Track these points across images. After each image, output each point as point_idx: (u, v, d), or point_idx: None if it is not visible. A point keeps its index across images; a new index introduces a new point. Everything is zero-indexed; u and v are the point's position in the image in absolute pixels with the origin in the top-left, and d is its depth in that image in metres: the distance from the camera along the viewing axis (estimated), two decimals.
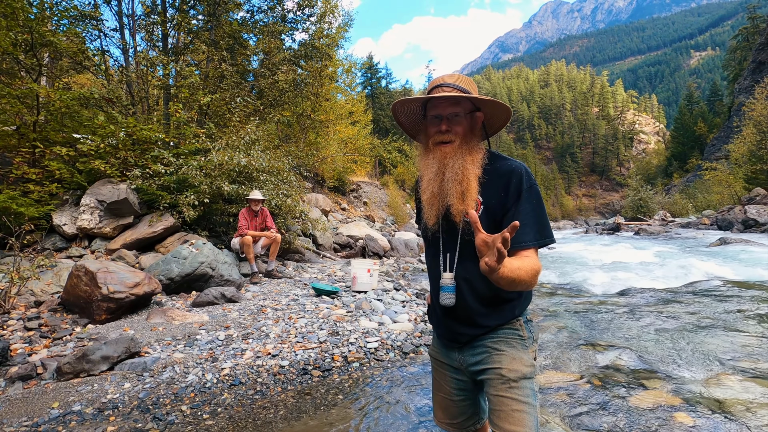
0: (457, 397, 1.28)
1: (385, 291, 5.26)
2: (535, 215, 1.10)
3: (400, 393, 2.56)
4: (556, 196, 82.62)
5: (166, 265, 4.68)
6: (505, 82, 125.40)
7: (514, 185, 1.11)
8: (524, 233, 1.07)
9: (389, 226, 16.93)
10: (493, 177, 1.15)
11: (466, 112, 1.16)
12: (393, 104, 1.24)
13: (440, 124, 1.16)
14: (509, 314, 1.17)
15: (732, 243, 9.94)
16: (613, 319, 3.91)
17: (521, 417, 1.06)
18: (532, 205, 1.10)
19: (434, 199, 1.18)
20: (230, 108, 8.36)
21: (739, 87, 41.83)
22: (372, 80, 38.93)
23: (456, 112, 1.15)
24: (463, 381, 1.26)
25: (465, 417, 1.30)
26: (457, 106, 1.15)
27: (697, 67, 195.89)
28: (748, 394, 2.32)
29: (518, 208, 1.10)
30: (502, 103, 1.16)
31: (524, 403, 1.08)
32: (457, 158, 1.14)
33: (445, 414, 1.32)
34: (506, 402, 1.08)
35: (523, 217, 1.08)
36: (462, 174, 1.12)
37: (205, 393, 2.53)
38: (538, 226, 1.09)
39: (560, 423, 2.13)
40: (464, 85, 1.18)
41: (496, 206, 1.13)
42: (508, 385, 1.10)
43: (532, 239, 1.08)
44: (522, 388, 1.10)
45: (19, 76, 6.41)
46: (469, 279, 1.17)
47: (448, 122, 1.15)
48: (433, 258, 1.26)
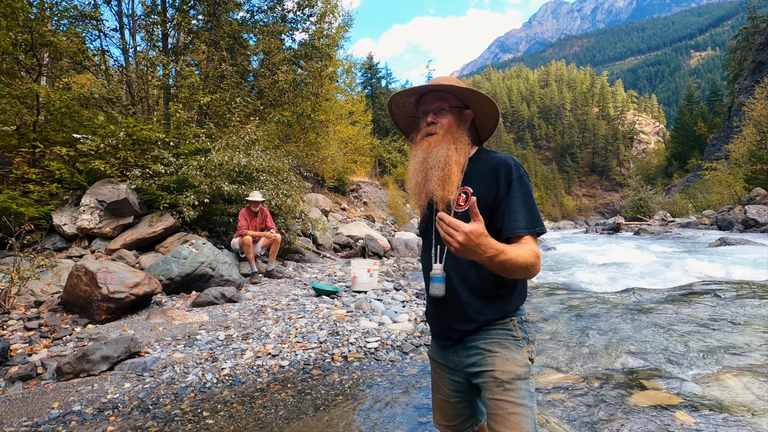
0: (454, 398, 1.28)
1: (385, 291, 5.26)
2: (526, 204, 1.11)
3: (400, 393, 2.56)
4: (556, 196, 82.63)
5: (166, 265, 4.68)
6: (505, 82, 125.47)
7: (503, 176, 1.13)
8: (516, 220, 1.09)
9: (389, 226, 16.93)
10: (482, 169, 1.18)
11: (451, 106, 1.22)
12: (389, 99, 1.30)
13: (427, 116, 1.23)
14: (501, 309, 1.16)
15: (732, 243, 9.93)
16: (613, 319, 3.91)
17: (517, 420, 1.05)
18: (522, 194, 1.12)
19: (419, 188, 1.22)
20: (230, 108, 8.36)
21: (739, 87, 41.83)
22: (372, 80, 38.92)
23: (441, 106, 1.22)
24: (459, 382, 1.25)
25: (462, 419, 1.29)
26: (443, 100, 1.22)
27: (697, 67, 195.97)
28: (748, 393, 2.32)
29: (509, 197, 1.11)
30: (485, 95, 1.19)
31: (520, 405, 1.07)
32: (441, 147, 1.18)
33: (443, 416, 1.31)
34: (501, 405, 1.07)
35: (514, 205, 1.10)
36: (444, 161, 1.16)
37: (205, 393, 2.53)
38: (529, 215, 1.10)
39: (560, 423, 2.13)
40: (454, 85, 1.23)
41: (486, 197, 1.14)
42: (502, 388, 1.08)
43: (524, 226, 1.08)
44: (517, 390, 1.08)
45: (19, 76, 6.41)
46: (459, 269, 1.17)
47: (434, 115, 1.22)
48: (426, 251, 1.28)
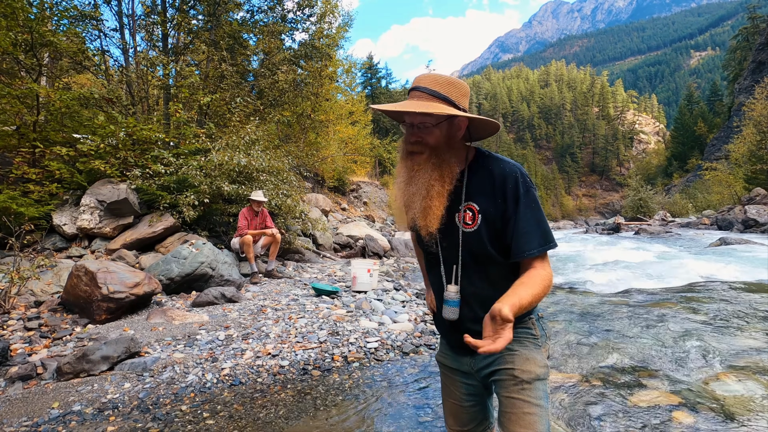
0: (467, 402, 1.25)
1: (385, 291, 5.26)
2: (536, 221, 1.05)
3: (400, 393, 2.56)
4: (556, 196, 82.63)
5: (166, 265, 4.68)
6: (505, 82, 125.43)
7: (510, 191, 1.06)
8: (528, 242, 1.04)
9: (389, 226, 16.93)
10: (486, 181, 1.09)
11: (438, 121, 1.06)
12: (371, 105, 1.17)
13: (411, 134, 1.10)
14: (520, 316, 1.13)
15: (732, 243, 9.93)
16: (613, 319, 3.91)
17: (532, 420, 1.03)
18: (531, 210, 1.05)
19: (404, 209, 1.16)
20: (230, 108, 8.37)
21: (739, 87, 41.84)
22: (372, 80, 38.95)
23: (425, 122, 1.06)
24: (473, 386, 1.23)
25: (475, 423, 1.27)
26: (427, 116, 1.05)
27: (697, 67, 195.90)
28: (748, 393, 2.32)
29: (518, 216, 1.05)
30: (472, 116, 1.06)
31: (536, 406, 1.04)
32: (424, 173, 1.09)
33: (456, 421, 1.28)
34: (517, 404, 1.05)
35: (524, 225, 1.04)
36: (426, 190, 1.08)
37: (205, 393, 2.53)
38: (540, 231, 1.05)
39: (560, 423, 2.13)
40: (441, 89, 1.07)
41: (494, 215, 1.07)
42: (520, 387, 1.06)
43: (536, 246, 1.04)
44: (534, 390, 1.05)
45: (19, 76, 6.41)
46: (475, 291, 1.12)
47: (419, 131, 1.08)
48: (432, 267, 1.21)
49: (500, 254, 1.09)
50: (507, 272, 1.10)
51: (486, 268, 1.11)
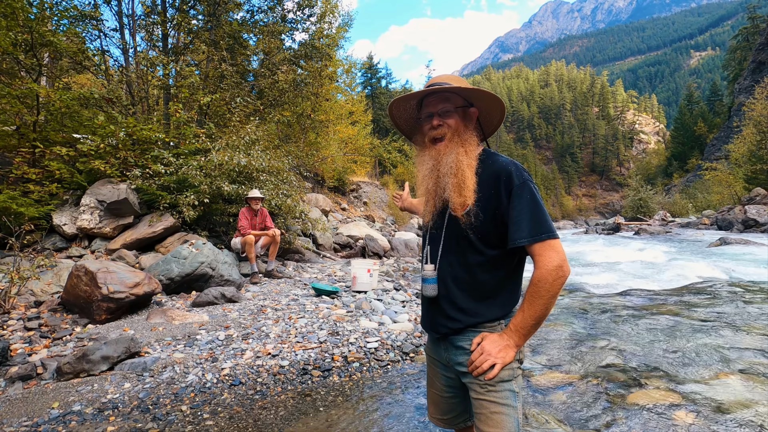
0: (447, 393, 1.30)
1: (385, 291, 5.25)
2: (529, 211, 1.07)
3: (400, 393, 2.56)
4: (556, 196, 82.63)
5: (166, 265, 4.68)
6: (505, 82, 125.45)
7: (503, 184, 1.11)
8: (518, 230, 1.06)
9: (389, 226, 16.92)
10: (484, 176, 1.16)
11: (456, 106, 1.19)
12: (389, 104, 1.28)
13: (432, 120, 1.20)
14: (491, 312, 1.16)
15: (732, 243, 9.94)
16: (613, 319, 3.91)
17: (500, 419, 1.08)
18: (524, 200, 1.08)
19: (430, 195, 1.21)
20: (230, 108, 8.36)
21: (739, 87, 41.86)
22: (372, 80, 38.91)
23: (446, 108, 1.19)
24: (452, 378, 1.27)
25: (455, 414, 1.32)
26: (447, 102, 1.19)
27: (697, 67, 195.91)
28: (748, 393, 2.32)
29: (510, 207, 1.09)
30: (490, 92, 1.17)
31: (503, 405, 1.09)
32: (450, 152, 1.17)
33: (436, 409, 1.34)
34: (485, 405, 1.11)
35: (515, 214, 1.08)
36: (456, 167, 1.14)
37: (205, 393, 2.53)
38: (533, 221, 1.06)
39: (560, 422, 2.13)
40: (455, 84, 1.20)
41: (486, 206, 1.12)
42: (486, 389, 1.11)
43: (526, 235, 1.05)
44: (500, 391, 1.10)
45: (19, 76, 6.40)
46: (452, 272, 1.18)
47: (440, 117, 1.19)
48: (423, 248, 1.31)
49: (481, 242, 1.14)
50: (487, 263, 1.15)
51: (465, 252, 1.16)
